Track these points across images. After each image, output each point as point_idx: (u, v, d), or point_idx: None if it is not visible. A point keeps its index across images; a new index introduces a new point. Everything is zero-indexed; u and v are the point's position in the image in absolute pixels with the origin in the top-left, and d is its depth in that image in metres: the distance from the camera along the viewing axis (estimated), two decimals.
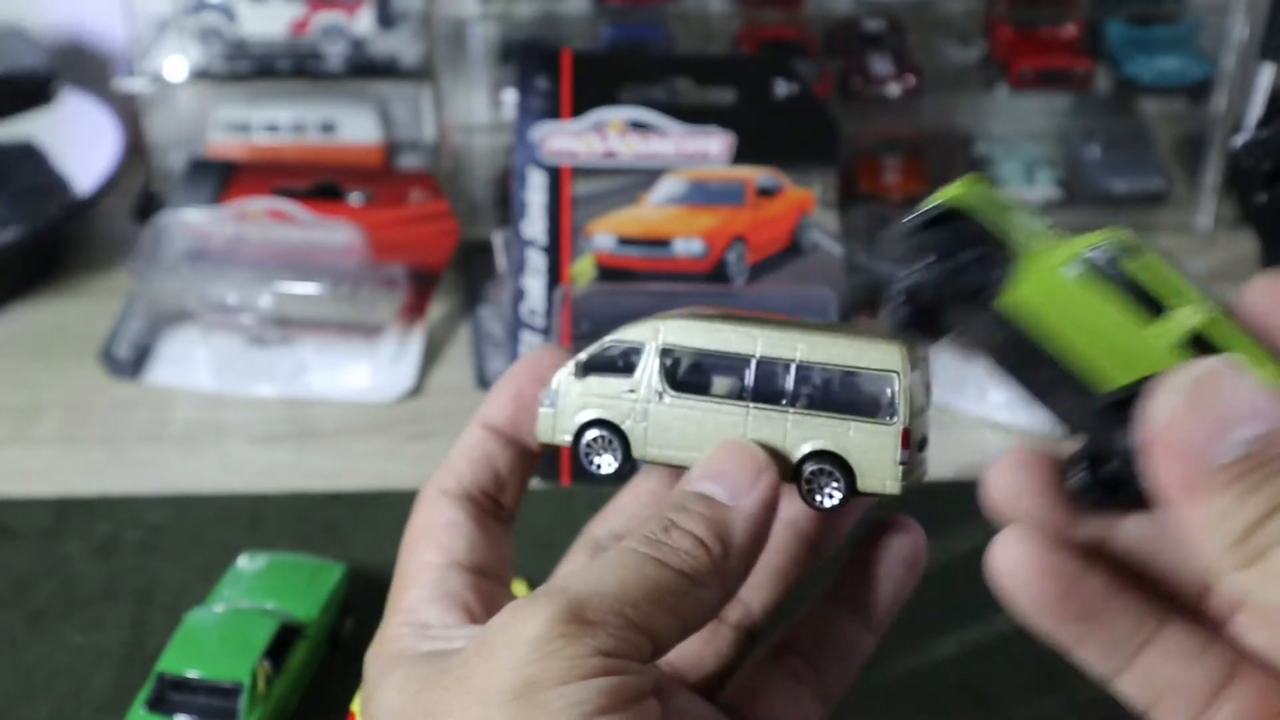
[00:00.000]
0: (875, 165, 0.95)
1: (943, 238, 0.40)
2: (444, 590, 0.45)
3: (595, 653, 0.38)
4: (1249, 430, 0.34)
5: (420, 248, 0.88)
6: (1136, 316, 0.39)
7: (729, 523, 0.42)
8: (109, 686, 0.61)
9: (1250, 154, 0.83)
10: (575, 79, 0.83)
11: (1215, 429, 0.34)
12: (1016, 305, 0.39)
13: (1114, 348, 0.38)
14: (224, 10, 0.92)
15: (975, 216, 0.40)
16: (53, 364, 0.84)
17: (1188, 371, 0.35)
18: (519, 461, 0.48)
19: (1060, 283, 0.39)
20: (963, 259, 0.40)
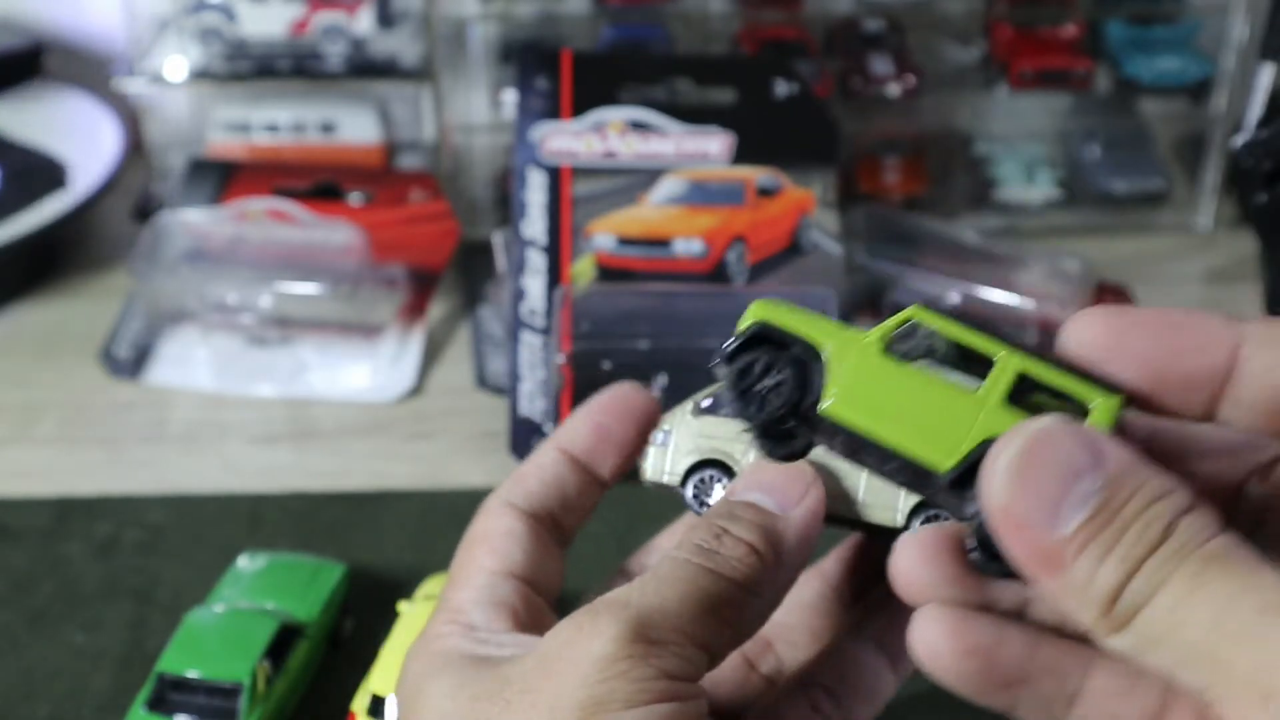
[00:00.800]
0: (875, 165, 0.95)
1: (758, 359, 0.41)
2: (494, 595, 0.45)
3: (661, 675, 0.38)
4: (1087, 486, 0.34)
5: (420, 248, 0.88)
6: (952, 386, 0.38)
7: (780, 531, 0.42)
8: (109, 686, 0.61)
9: (1250, 154, 0.83)
10: (575, 79, 0.83)
11: (1052, 499, 0.34)
12: (836, 407, 0.39)
13: (940, 423, 0.38)
14: (224, 10, 0.92)
15: (781, 329, 0.41)
16: (53, 364, 0.84)
17: (1012, 443, 0.35)
18: (588, 489, 0.49)
19: (871, 373, 0.39)
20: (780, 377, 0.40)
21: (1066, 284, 0.82)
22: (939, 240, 0.87)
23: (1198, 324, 0.37)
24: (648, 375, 0.76)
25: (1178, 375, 0.37)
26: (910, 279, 0.84)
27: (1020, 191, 0.96)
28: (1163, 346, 0.37)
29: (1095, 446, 0.34)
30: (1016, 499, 0.34)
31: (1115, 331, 0.37)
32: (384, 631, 0.59)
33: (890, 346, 0.39)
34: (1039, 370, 0.38)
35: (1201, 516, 0.33)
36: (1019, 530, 0.34)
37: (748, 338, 0.41)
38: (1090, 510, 0.34)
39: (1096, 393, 0.37)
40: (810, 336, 0.40)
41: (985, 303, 0.82)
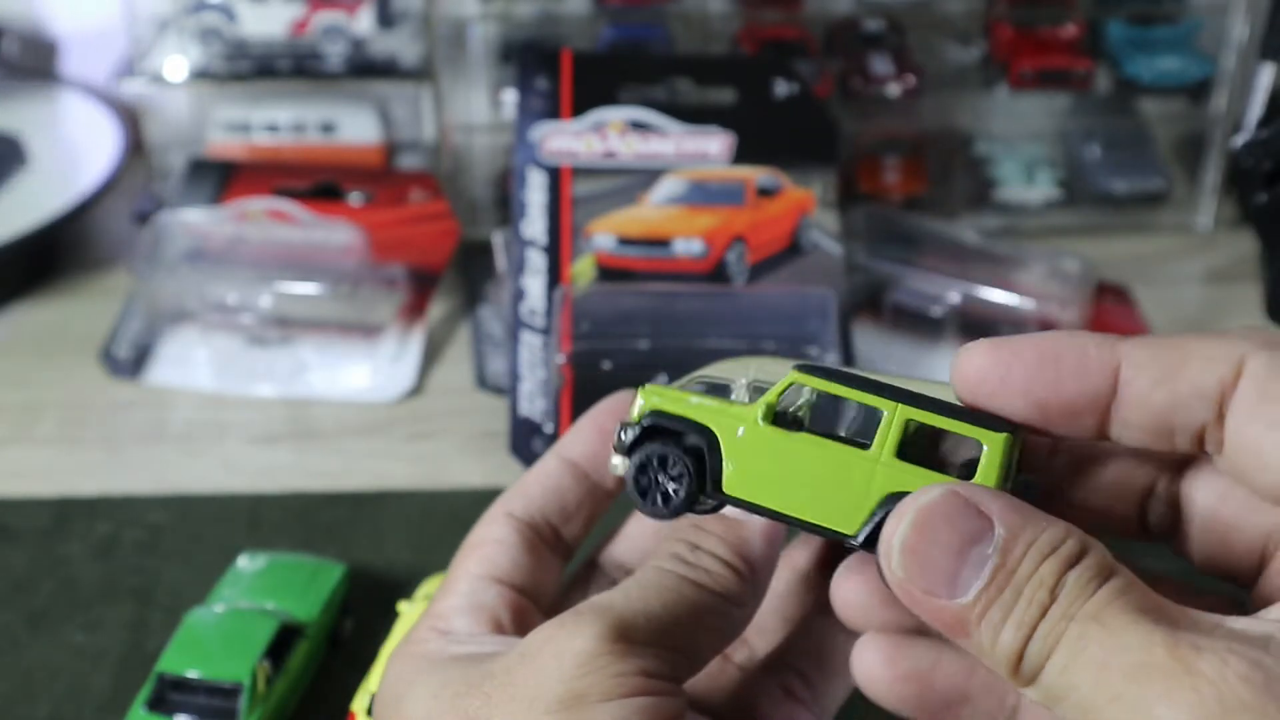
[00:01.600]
0: (875, 165, 0.95)
1: (653, 454, 0.41)
2: (476, 601, 0.46)
3: (640, 672, 0.38)
4: (980, 552, 0.35)
5: (420, 248, 0.88)
6: (843, 448, 0.39)
7: (746, 540, 0.43)
8: (109, 686, 0.61)
9: (1250, 154, 0.83)
10: (575, 79, 0.83)
11: (948, 571, 0.35)
12: (736, 488, 0.40)
13: (838, 487, 0.39)
14: (224, 10, 0.92)
15: (672, 417, 0.41)
16: (53, 364, 0.84)
17: (903, 519, 0.36)
18: (589, 498, 0.49)
19: (763, 448, 0.40)
20: (678, 469, 0.41)
21: (1066, 284, 0.82)
22: (939, 240, 0.87)
23: (1075, 350, 0.38)
24: (648, 375, 0.76)
25: (1060, 404, 0.38)
26: (910, 279, 0.84)
27: (1020, 191, 0.96)
28: (1043, 377, 0.38)
29: (984, 510, 0.35)
30: (914, 574, 0.35)
31: (998, 365, 0.38)
32: (384, 631, 0.59)
33: (778, 416, 0.40)
34: (925, 417, 0.38)
35: (1089, 568, 0.34)
36: (921, 601, 0.35)
37: (641, 432, 0.41)
38: (986, 577, 0.34)
39: (983, 431, 0.37)
40: (701, 420, 0.40)
41: (985, 303, 0.82)
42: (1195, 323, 0.87)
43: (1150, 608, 0.33)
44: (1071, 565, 0.34)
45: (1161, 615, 0.33)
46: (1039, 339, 0.38)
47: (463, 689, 0.40)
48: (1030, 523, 0.35)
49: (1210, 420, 0.37)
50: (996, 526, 0.35)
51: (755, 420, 0.40)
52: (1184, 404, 0.37)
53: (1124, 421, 0.38)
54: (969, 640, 0.35)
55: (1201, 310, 0.88)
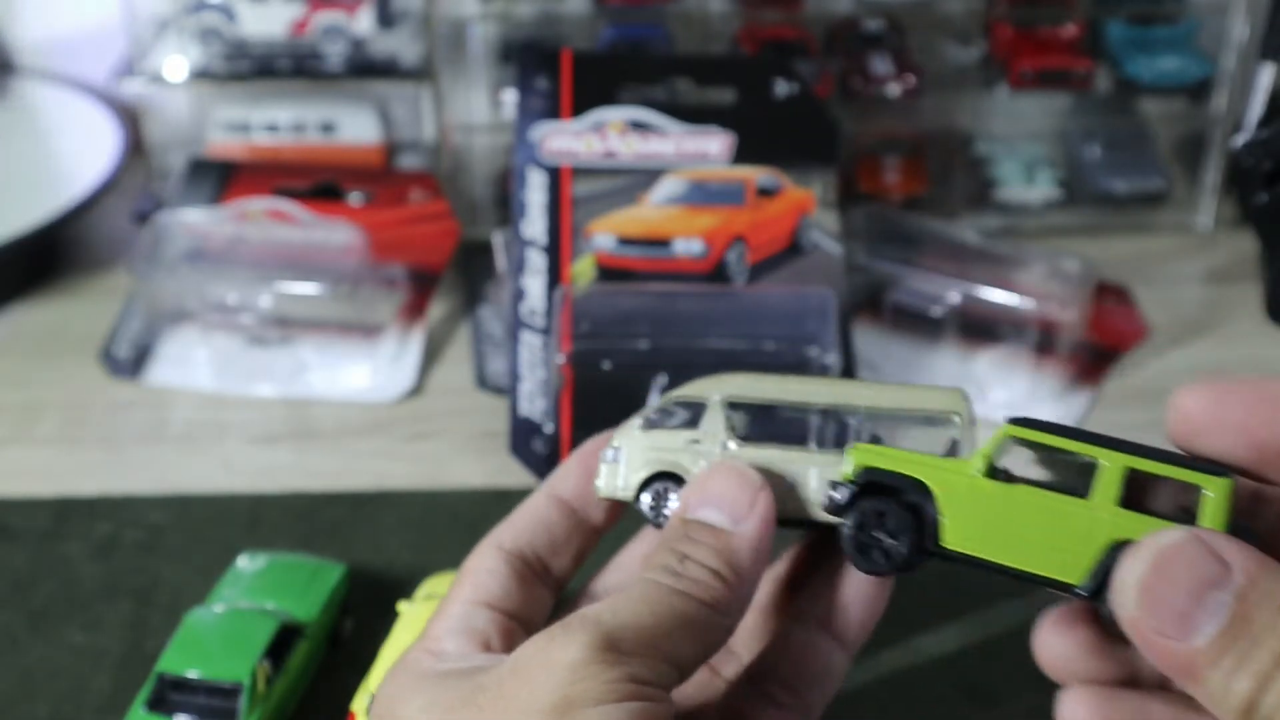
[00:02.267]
0: (875, 165, 0.95)
1: (871, 511, 0.42)
2: (468, 624, 0.46)
3: (629, 679, 0.39)
4: (1218, 598, 0.34)
5: (420, 248, 0.88)
6: (1063, 498, 0.39)
7: (735, 550, 0.43)
8: (109, 686, 0.61)
9: (1250, 154, 0.83)
10: (575, 79, 0.83)
11: (1183, 612, 0.35)
12: (958, 542, 0.40)
13: (1061, 538, 0.39)
14: (224, 10, 0.92)
15: (888, 474, 0.41)
16: (53, 364, 0.84)
17: (1140, 558, 0.36)
18: (578, 533, 0.50)
19: (983, 502, 0.40)
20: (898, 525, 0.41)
21: (1066, 284, 0.82)
22: (939, 240, 0.87)
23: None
24: (648, 375, 0.76)
25: (1277, 443, 0.38)
26: (910, 279, 0.84)
27: (1020, 191, 0.96)
28: (1262, 415, 0.38)
29: (1223, 556, 0.35)
30: (1149, 613, 0.35)
31: (1216, 402, 0.38)
32: (384, 631, 0.59)
33: (993, 469, 0.40)
34: (1145, 464, 0.39)
35: None
36: (1154, 642, 0.35)
37: (857, 490, 0.42)
38: (1222, 622, 0.34)
39: (1206, 477, 0.38)
40: (917, 475, 0.41)
41: (986, 303, 0.82)
42: (1195, 323, 0.87)
43: None
44: None
45: None
46: (1258, 380, 0.38)
47: (455, 703, 0.41)
48: (1270, 573, 0.35)
49: None
50: (1235, 573, 0.35)
51: (973, 474, 0.40)
52: None
53: None
54: (1198, 686, 0.35)
55: (1201, 310, 0.88)
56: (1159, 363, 0.84)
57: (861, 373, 0.79)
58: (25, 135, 1.01)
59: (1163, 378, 0.82)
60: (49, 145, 0.99)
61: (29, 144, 1.00)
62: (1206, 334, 0.86)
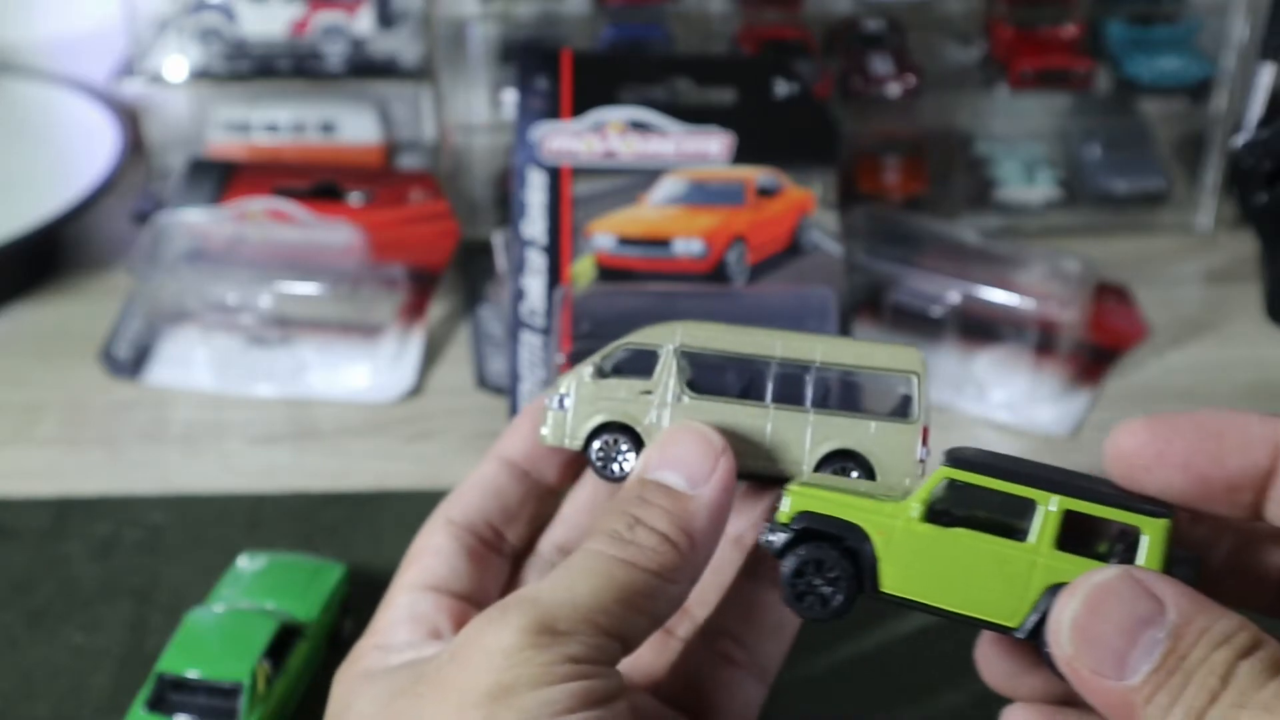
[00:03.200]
0: (875, 165, 0.95)
1: (809, 558, 0.41)
2: (413, 612, 0.46)
3: (566, 660, 0.39)
4: (1152, 635, 0.35)
5: (420, 248, 0.88)
6: (1001, 541, 0.39)
7: (692, 514, 0.42)
8: (109, 686, 0.61)
9: (1250, 154, 0.83)
10: (575, 79, 0.83)
11: (1118, 651, 0.35)
12: (896, 586, 0.40)
13: (999, 581, 0.39)
14: (224, 10, 0.92)
15: (825, 519, 0.41)
16: (53, 364, 0.84)
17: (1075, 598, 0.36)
18: (531, 496, 0.49)
19: (920, 546, 0.40)
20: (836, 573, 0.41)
21: (1066, 284, 0.82)
22: (939, 240, 0.87)
23: (1237, 426, 0.38)
24: None
25: (1221, 478, 0.38)
26: (910, 279, 0.84)
27: (1020, 191, 0.96)
28: (1204, 451, 0.38)
29: (1157, 595, 0.35)
30: (1084, 652, 0.35)
31: (1157, 439, 0.38)
32: None
33: (931, 512, 0.40)
34: (1084, 506, 0.38)
35: (1263, 660, 0.34)
36: (1090, 681, 0.35)
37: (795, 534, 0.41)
38: (1156, 660, 0.34)
39: (1143, 518, 0.38)
40: (853, 519, 0.40)
41: (986, 303, 0.82)
42: (1195, 323, 0.87)
43: None
44: (1244, 656, 0.34)
45: None
46: (1199, 415, 0.38)
47: (396, 694, 0.40)
48: (1204, 610, 0.35)
49: None
50: (1169, 611, 0.35)
51: (910, 518, 0.40)
52: None
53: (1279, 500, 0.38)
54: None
55: (1201, 310, 0.88)
56: (1159, 363, 0.84)
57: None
58: (25, 135, 1.01)
59: (1163, 378, 0.82)
60: (49, 145, 0.99)
61: (29, 144, 1.00)
62: (1206, 334, 0.86)
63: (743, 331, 0.45)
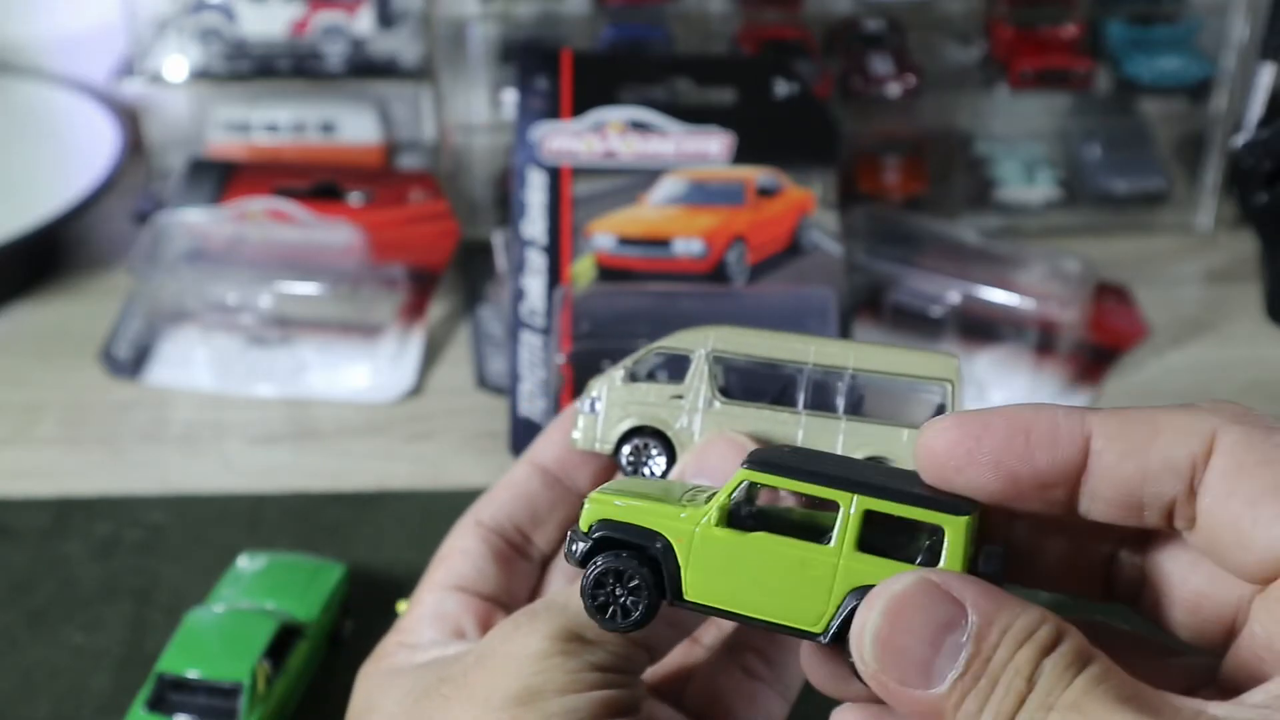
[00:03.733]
0: (875, 165, 0.95)
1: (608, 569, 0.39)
2: (439, 610, 0.46)
3: (592, 668, 0.39)
4: (955, 640, 0.34)
5: (420, 248, 0.88)
6: (802, 544, 0.38)
7: None
8: (109, 686, 0.61)
9: (1250, 154, 0.84)
10: (575, 79, 0.83)
11: (922, 660, 0.34)
12: (697, 594, 0.39)
13: (801, 585, 0.38)
14: (224, 10, 0.92)
15: (623, 526, 0.39)
16: (53, 364, 0.84)
17: (874, 609, 0.35)
18: (562, 502, 0.49)
19: (719, 551, 0.38)
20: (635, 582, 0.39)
21: (1066, 284, 0.82)
22: (939, 240, 0.87)
23: (1046, 421, 0.37)
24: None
25: (1031, 475, 0.37)
26: (910, 279, 0.84)
27: (1020, 191, 0.96)
28: (1013, 449, 0.37)
29: (957, 598, 0.35)
30: (888, 665, 0.35)
31: (966, 438, 0.37)
32: (384, 631, 0.59)
33: (732, 517, 0.39)
34: (884, 506, 0.37)
35: (1065, 655, 0.33)
36: (896, 692, 0.35)
37: (593, 544, 0.40)
38: (961, 666, 0.34)
39: (944, 516, 0.37)
40: (652, 526, 0.39)
41: (986, 303, 0.82)
42: (1195, 323, 0.87)
43: (1129, 695, 0.33)
44: (1048, 652, 0.33)
45: (1142, 703, 0.32)
46: (1006, 411, 0.37)
47: (421, 694, 0.41)
48: (1004, 608, 0.34)
49: (1181, 495, 0.36)
50: (970, 613, 0.34)
51: (709, 524, 0.38)
52: (1154, 477, 0.36)
53: (1092, 494, 0.37)
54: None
55: (1201, 310, 0.88)
56: (1159, 363, 0.84)
57: None
58: (25, 135, 1.01)
59: (1163, 378, 0.82)
60: (49, 145, 0.99)
61: (29, 144, 1.00)
62: (1206, 334, 0.86)
63: (775, 336, 0.44)
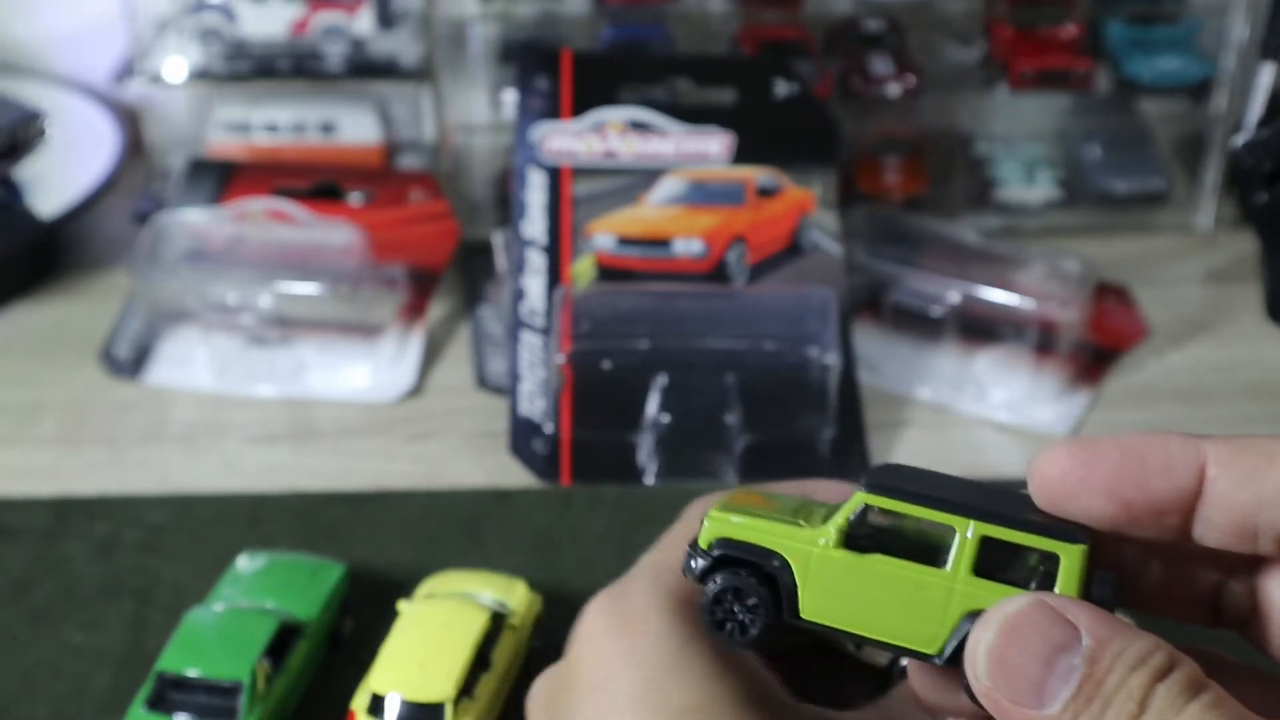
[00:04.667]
0: (875, 165, 0.95)
1: (727, 587, 0.40)
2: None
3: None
4: (1068, 662, 0.34)
5: (420, 248, 0.88)
6: (919, 568, 0.39)
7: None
8: (109, 686, 0.61)
9: (1250, 154, 0.84)
10: (575, 79, 0.83)
11: (1035, 680, 0.35)
12: (814, 614, 0.40)
13: (917, 607, 0.39)
14: (224, 10, 0.92)
15: (743, 545, 0.40)
16: (53, 364, 0.84)
17: (989, 627, 0.36)
18: None
19: (838, 572, 0.39)
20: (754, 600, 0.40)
21: (1066, 284, 0.82)
22: (939, 240, 0.87)
23: (1160, 448, 0.37)
24: (648, 375, 0.76)
25: (1145, 502, 0.37)
26: (910, 279, 0.84)
27: (1020, 191, 0.96)
28: (1127, 475, 0.37)
29: (1071, 621, 0.35)
30: (1000, 683, 0.35)
31: (1080, 465, 0.38)
32: (384, 631, 0.59)
33: (849, 538, 0.39)
34: (1000, 532, 0.38)
35: (1178, 681, 0.34)
36: (1008, 711, 0.35)
37: (712, 561, 0.40)
38: (1073, 687, 0.34)
39: (1060, 544, 0.37)
40: (772, 547, 0.40)
41: (986, 303, 0.82)
42: (1195, 323, 0.87)
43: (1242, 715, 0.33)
44: (1161, 678, 0.34)
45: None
46: (1121, 439, 0.38)
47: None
48: (1118, 634, 0.35)
49: None
50: (1084, 636, 0.34)
51: (827, 545, 0.39)
52: (1269, 505, 0.37)
53: (1206, 521, 0.37)
54: None
55: (1201, 310, 0.88)
56: (1159, 363, 0.84)
57: (861, 373, 0.79)
58: None
59: (1163, 378, 0.82)
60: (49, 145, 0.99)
61: None
62: (1206, 334, 0.86)
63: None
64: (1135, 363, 0.83)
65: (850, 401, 0.77)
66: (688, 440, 0.75)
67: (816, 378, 0.76)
